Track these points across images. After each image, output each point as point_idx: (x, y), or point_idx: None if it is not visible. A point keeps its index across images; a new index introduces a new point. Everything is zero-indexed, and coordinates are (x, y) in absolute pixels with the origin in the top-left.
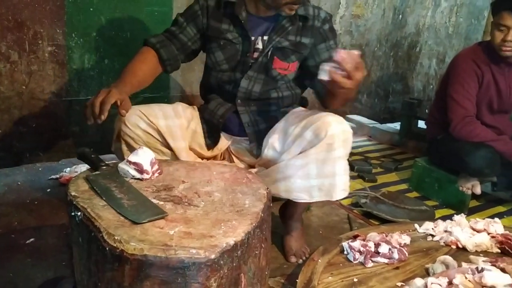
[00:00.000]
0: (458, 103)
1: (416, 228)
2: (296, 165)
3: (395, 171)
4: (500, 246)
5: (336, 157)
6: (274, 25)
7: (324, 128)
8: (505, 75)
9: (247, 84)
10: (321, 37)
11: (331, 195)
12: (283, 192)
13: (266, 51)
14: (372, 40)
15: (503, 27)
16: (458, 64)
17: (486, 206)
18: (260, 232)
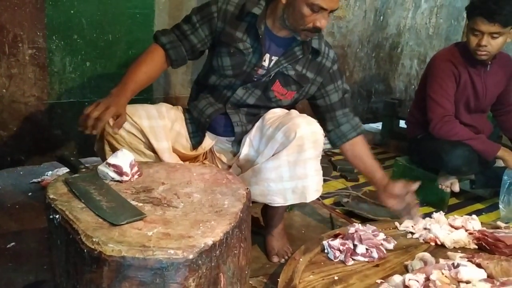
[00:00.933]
0: (437, 103)
1: (397, 226)
2: (268, 168)
3: None
4: (477, 242)
5: (306, 158)
6: (286, 49)
7: (294, 129)
8: (481, 76)
9: (242, 94)
10: (330, 78)
11: (305, 197)
12: (258, 196)
13: (271, 72)
14: (354, 41)
15: (477, 32)
16: (436, 64)
17: (465, 204)
18: (239, 232)
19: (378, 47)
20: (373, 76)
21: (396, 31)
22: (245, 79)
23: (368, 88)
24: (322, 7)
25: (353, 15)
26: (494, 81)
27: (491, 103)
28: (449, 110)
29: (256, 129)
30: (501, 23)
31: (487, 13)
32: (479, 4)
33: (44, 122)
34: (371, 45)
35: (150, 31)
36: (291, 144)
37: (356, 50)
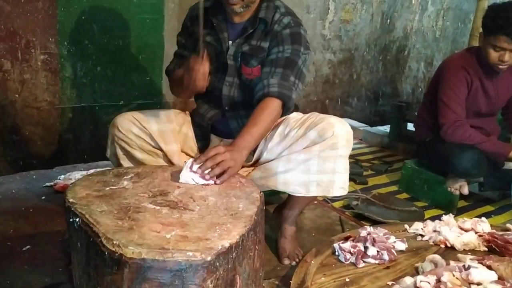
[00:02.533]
0: (449, 108)
1: (406, 229)
2: (298, 160)
3: (385, 173)
4: (487, 244)
5: (338, 155)
6: (241, 31)
7: (330, 128)
8: (492, 81)
9: (228, 91)
10: (277, 41)
11: (328, 191)
12: (281, 185)
13: (234, 56)
14: (361, 45)
15: (498, 48)
16: (449, 69)
17: (474, 206)
18: (254, 235)
19: (385, 50)
20: (380, 79)
21: (403, 34)
22: (223, 71)
23: (375, 91)
24: None
25: (360, 18)
26: (505, 86)
27: (501, 107)
28: (460, 115)
29: (278, 136)
30: None
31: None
32: (504, 25)
33: (56, 126)
34: (378, 48)
35: (160, 36)
36: (325, 141)
37: (363, 53)
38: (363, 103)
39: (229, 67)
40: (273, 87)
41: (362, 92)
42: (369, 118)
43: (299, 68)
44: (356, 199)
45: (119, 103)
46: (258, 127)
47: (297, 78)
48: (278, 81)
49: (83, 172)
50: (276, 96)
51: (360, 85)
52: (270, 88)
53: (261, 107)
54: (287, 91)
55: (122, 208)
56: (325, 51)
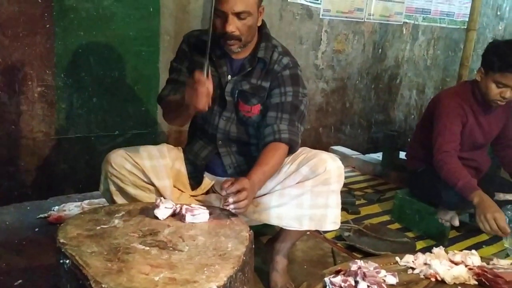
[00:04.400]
0: (443, 138)
1: (398, 261)
2: (291, 194)
3: (377, 202)
4: (477, 278)
5: (330, 190)
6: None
7: (322, 164)
8: (486, 114)
9: (224, 125)
10: (278, 82)
11: (321, 226)
12: (274, 219)
13: (231, 92)
14: (353, 74)
15: (502, 85)
16: (445, 105)
17: (466, 236)
18: (242, 275)
19: (377, 79)
20: (373, 107)
21: (395, 63)
22: (220, 106)
23: (368, 119)
24: (222, 11)
25: (352, 48)
26: (497, 118)
27: (492, 139)
28: (453, 146)
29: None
30: None
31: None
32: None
33: (51, 157)
34: (370, 76)
35: (155, 68)
36: (318, 176)
37: (355, 82)
38: (356, 131)
39: (227, 102)
40: (284, 133)
41: (355, 120)
42: (362, 145)
43: (302, 111)
44: (348, 230)
45: (115, 133)
46: (269, 167)
47: (300, 123)
48: (288, 127)
49: (77, 203)
50: (286, 142)
51: (353, 113)
52: (281, 134)
53: (272, 149)
54: (295, 137)
55: (112, 249)
56: (318, 80)
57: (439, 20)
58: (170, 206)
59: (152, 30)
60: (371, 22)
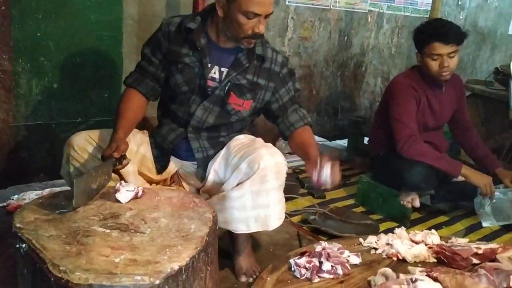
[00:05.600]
0: (402, 124)
1: (361, 242)
2: (232, 197)
3: (343, 187)
4: (436, 256)
5: (269, 188)
6: (233, 60)
7: (257, 160)
8: (437, 96)
9: (201, 114)
10: (281, 81)
11: (267, 225)
12: (222, 223)
13: (222, 85)
14: (319, 61)
15: (436, 56)
16: (397, 89)
17: (427, 218)
18: (205, 256)
19: (343, 66)
20: (339, 94)
21: (360, 51)
22: (201, 95)
23: (334, 106)
24: (256, 14)
25: (318, 36)
26: (448, 100)
27: (446, 121)
28: (414, 129)
29: (221, 158)
30: (456, 42)
31: (442, 37)
32: (432, 31)
33: (10, 145)
34: (336, 64)
35: (119, 53)
36: (254, 174)
37: (322, 70)
38: (323, 118)
39: (213, 95)
40: (308, 118)
41: (321, 107)
42: (329, 132)
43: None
44: (313, 214)
45: (77, 120)
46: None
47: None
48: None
49: (38, 192)
50: (311, 125)
51: (319, 100)
52: (306, 119)
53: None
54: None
55: (71, 232)
56: None
57: (403, 9)
58: (132, 189)
59: (114, 14)
60: (337, 10)
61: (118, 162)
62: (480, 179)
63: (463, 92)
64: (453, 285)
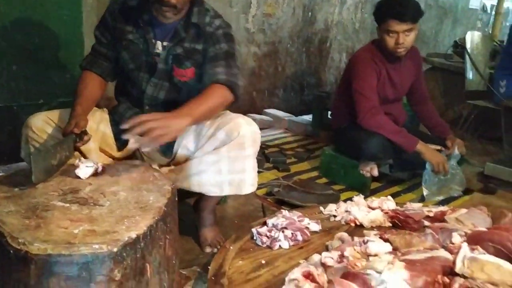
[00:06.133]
0: (364, 96)
1: (322, 211)
2: (208, 161)
3: (307, 160)
4: (391, 220)
5: (246, 155)
6: (172, 33)
7: (236, 129)
8: (396, 69)
9: (152, 91)
10: (212, 41)
11: (240, 190)
12: (195, 186)
13: (162, 58)
14: (284, 37)
15: (392, 33)
16: (359, 62)
17: (386, 187)
18: (163, 225)
19: (308, 42)
20: (305, 70)
21: (325, 27)
22: (148, 72)
23: (300, 82)
24: None
25: (282, 12)
26: (407, 72)
27: (405, 93)
28: (375, 102)
29: (192, 132)
30: (411, 20)
31: (397, 15)
32: (388, 9)
33: None
34: (301, 40)
35: (79, 33)
36: (233, 141)
37: (287, 46)
38: (289, 94)
39: (158, 70)
40: (221, 75)
41: (287, 83)
42: (295, 108)
43: (236, 59)
44: (278, 186)
45: (39, 101)
46: (205, 102)
47: (238, 69)
48: (225, 70)
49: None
50: (223, 83)
51: (285, 76)
52: (218, 76)
53: (207, 90)
54: (234, 78)
55: (30, 207)
56: (250, 44)
57: None
58: (91, 165)
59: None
60: None
61: (79, 138)
62: (434, 157)
63: (420, 65)
64: (402, 244)
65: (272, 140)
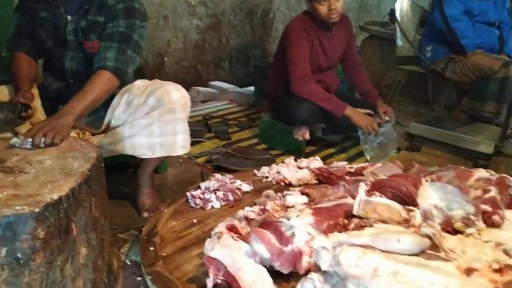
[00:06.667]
0: (296, 65)
1: (256, 173)
2: (140, 125)
3: (249, 128)
4: (317, 177)
5: (177, 118)
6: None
7: (167, 94)
8: (328, 38)
9: (70, 64)
10: (111, 15)
11: (172, 151)
12: (128, 149)
13: (73, 32)
14: (226, 10)
15: (323, 1)
16: (292, 32)
17: (320, 150)
18: (87, 187)
19: (251, 14)
20: (249, 42)
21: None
22: (63, 46)
23: (245, 54)
24: None
25: None
26: (338, 41)
27: (338, 61)
28: (307, 70)
29: (124, 103)
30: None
31: None
32: None
33: None
34: (244, 12)
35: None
36: (163, 106)
37: (230, 18)
38: (235, 66)
39: (69, 42)
40: (110, 61)
41: (232, 55)
42: (242, 79)
43: (136, 41)
44: (217, 153)
45: None
46: (87, 95)
47: (135, 52)
48: (115, 55)
49: None
50: (111, 70)
51: (230, 48)
52: (106, 62)
53: (94, 78)
54: (123, 66)
55: None
56: (192, 17)
57: None
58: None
59: None
60: None
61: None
62: (362, 120)
63: (351, 33)
64: (318, 196)
65: (216, 112)
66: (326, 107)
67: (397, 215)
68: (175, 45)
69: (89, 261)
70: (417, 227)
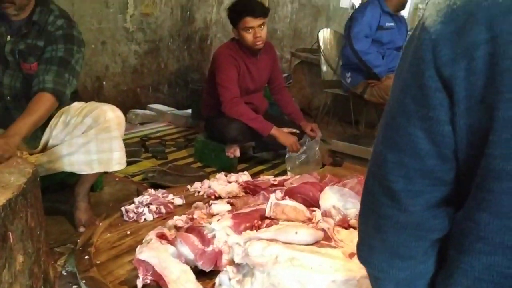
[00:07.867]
0: (225, 88)
1: (189, 188)
2: (78, 143)
3: (185, 148)
4: (244, 190)
5: (113, 136)
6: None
7: (102, 114)
8: (254, 64)
9: (9, 81)
10: (50, 41)
11: (108, 167)
12: (67, 166)
13: (10, 52)
14: (164, 36)
15: (249, 30)
16: (220, 59)
17: (252, 166)
18: (23, 199)
19: (189, 40)
20: (188, 67)
21: (204, 25)
22: (4, 64)
23: (184, 78)
24: None
25: (160, 11)
26: (263, 65)
27: (264, 84)
28: (236, 93)
29: (61, 124)
30: (262, 15)
31: (251, 12)
32: (242, 8)
33: None
34: (182, 38)
35: None
36: (99, 125)
37: (168, 44)
38: (174, 89)
39: (9, 62)
40: (48, 83)
41: (172, 79)
42: (181, 102)
43: (73, 66)
44: (153, 172)
45: None
46: (31, 117)
47: (71, 75)
48: (53, 78)
49: None
50: (50, 91)
51: (169, 73)
52: (45, 84)
53: (35, 100)
54: (61, 88)
55: None
56: (130, 42)
57: None
58: None
59: None
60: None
61: None
62: (286, 139)
63: (275, 58)
64: (241, 204)
65: (154, 133)
66: (253, 126)
67: (302, 215)
68: (114, 69)
69: (26, 268)
70: (316, 223)
